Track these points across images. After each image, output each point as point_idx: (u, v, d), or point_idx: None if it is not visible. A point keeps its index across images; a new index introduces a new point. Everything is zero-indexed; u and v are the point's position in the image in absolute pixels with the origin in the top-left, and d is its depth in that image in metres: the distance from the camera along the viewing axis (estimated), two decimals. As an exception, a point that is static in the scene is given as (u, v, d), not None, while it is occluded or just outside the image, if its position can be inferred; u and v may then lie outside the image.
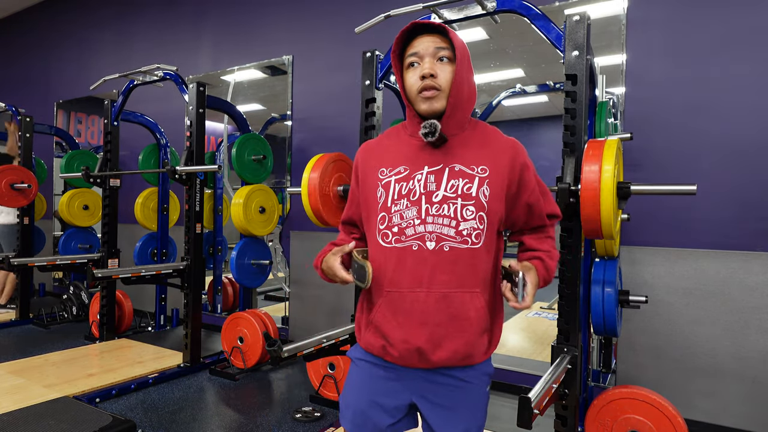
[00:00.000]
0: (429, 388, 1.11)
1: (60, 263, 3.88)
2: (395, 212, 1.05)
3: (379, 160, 1.13)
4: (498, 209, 1.07)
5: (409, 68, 1.08)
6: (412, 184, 1.06)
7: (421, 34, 1.07)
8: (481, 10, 2.05)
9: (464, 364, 1.08)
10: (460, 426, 1.11)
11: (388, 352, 1.08)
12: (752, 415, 2.30)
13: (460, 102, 1.06)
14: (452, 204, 1.03)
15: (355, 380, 1.17)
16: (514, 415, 1.30)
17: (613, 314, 1.93)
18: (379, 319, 1.09)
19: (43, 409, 2.38)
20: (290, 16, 3.95)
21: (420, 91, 1.05)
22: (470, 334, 1.05)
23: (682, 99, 2.49)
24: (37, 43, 6.20)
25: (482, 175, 1.06)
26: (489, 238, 1.06)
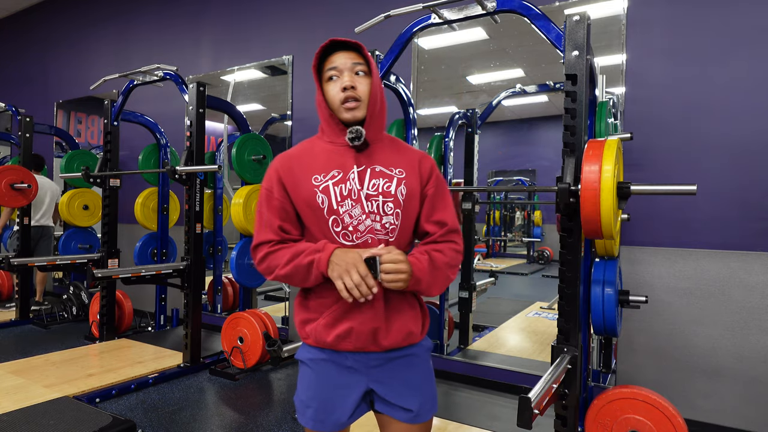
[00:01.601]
0: (383, 371, 1.19)
1: (60, 263, 3.88)
2: (344, 213, 1.13)
3: (306, 168, 1.17)
4: (413, 209, 1.19)
5: (329, 81, 1.17)
6: (350, 185, 1.15)
7: (338, 50, 1.17)
8: (481, 10, 2.05)
9: (407, 343, 1.20)
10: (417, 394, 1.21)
11: (349, 341, 1.16)
12: (752, 415, 2.30)
13: (377, 111, 1.19)
14: (374, 201, 1.14)
15: (311, 379, 1.22)
16: (514, 415, 1.30)
17: (613, 314, 1.93)
18: (343, 311, 1.16)
19: (43, 409, 2.38)
20: (290, 16, 3.95)
21: (343, 102, 1.15)
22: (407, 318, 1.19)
23: (682, 99, 2.49)
24: (37, 43, 6.20)
25: (400, 176, 1.18)
26: (402, 234, 1.17)
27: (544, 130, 3.47)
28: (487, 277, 3.75)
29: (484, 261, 3.97)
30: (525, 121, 3.47)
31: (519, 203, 4.00)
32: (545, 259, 3.87)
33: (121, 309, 3.94)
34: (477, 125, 3.28)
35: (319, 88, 1.19)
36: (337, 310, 1.15)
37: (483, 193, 3.64)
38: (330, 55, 1.18)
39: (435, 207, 1.21)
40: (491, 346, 3.32)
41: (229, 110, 3.65)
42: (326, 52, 1.18)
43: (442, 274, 1.17)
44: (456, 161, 3.16)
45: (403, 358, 1.20)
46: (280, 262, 1.15)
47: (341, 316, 1.15)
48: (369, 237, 1.14)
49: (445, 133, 3.09)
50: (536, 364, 2.99)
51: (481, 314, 3.62)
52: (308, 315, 1.20)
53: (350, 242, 1.14)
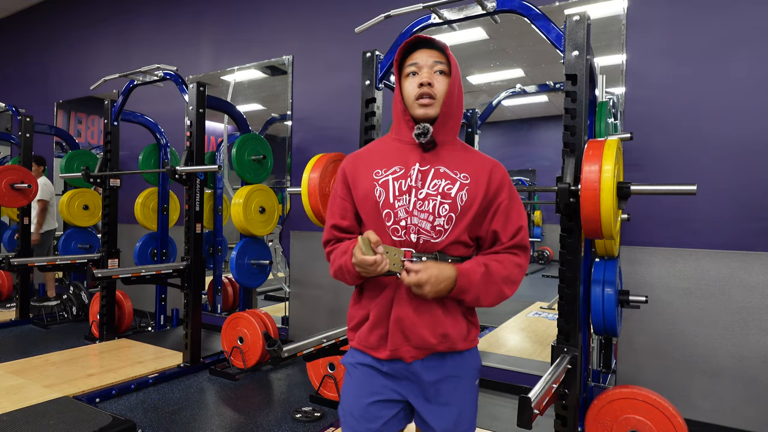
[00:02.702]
0: (419, 386, 1.16)
1: (60, 263, 3.88)
2: (399, 207, 1.12)
3: (371, 164, 1.19)
4: (470, 216, 1.13)
5: (407, 77, 1.17)
6: (410, 181, 1.14)
7: (421, 47, 1.17)
8: (481, 10, 2.05)
9: (444, 347, 1.15)
10: (451, 419, 1.17)
11: (385, 346, 1.15)
12: (752, 415, 2.30)
13: (452, 112, 1.17)
14: (432, 200, 1.12)
15: (351, 386, 1.22)
16: (514, 415, 1.30)
17: (613, 314, 1.93)
18: (381, 307, 1.16)
19: (43, 409, 2.38)
20: (290, 16, 3.95)
21: (417, 98, 1.14)
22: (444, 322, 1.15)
23: (682, 99, 2.49)
24: (37, 43, 6.20)
25: (464, 180, 1.14)
26: (450, 239, 1.13)
27: (544, 130, 3.46)
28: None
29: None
30: (525, 121, 3.47)
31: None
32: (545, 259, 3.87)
33: (121, 309, 3.94)
34: (477, 125, 3.28)
35: (398, 83, 1.19)
36: (376, 308, 1.15)
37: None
38: (413, 52, 1.17)
39: (509, 218, 1.16)
40: (491, 346, 3.32)
41: (229, 110, 3.65)
42: (410, 48, 1.18)
43: (496, 288, 1.13)
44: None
45: (447, 379, 1.17)
46: (331, 263, 1.20)
47: (380, 313, 1.15)
48: (416, 236, 1.11)
49: (445, 133, 3.08)
50: (536, 364, 2.99)
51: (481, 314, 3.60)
52: (354, 311, 1.22)
53: (398, 237, 1.13)
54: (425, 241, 1.12)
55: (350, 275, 1.13)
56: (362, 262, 1.04)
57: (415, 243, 1.11)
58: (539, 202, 3.97)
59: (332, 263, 1.19)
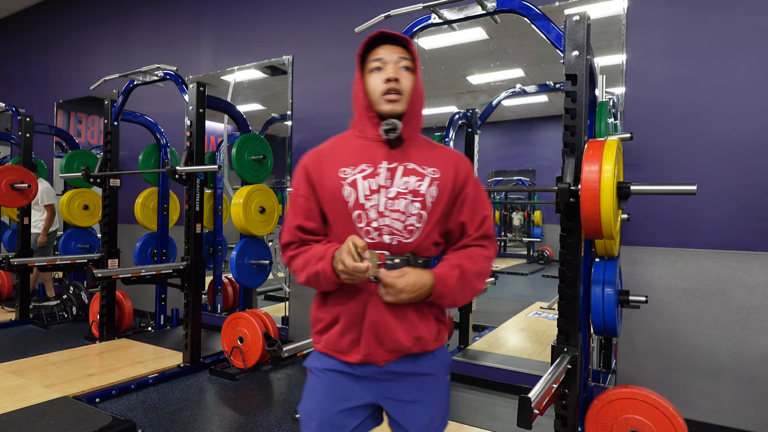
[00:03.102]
0: (394, 388, 1.15)
1: (60, 263, 3.88)
2: (370, 207, 1.09)
3: (335, 162, 1.14)
4: (440, 212, 1.13)
5: (372, 72, 1.14)
6: (379, 180, 1.11)
7: (385, 43, 1.15)
8: (481, 10, 2.05)
9: (418, 349, 1.14)
10: (427, 417, 1.17)
11: (358, 349, 1.13)
12: (752, 415, 2.30)
13: (417, 108, 1.16)
14: (403, 199, 1.10)
15: (318, 389, 1.18)
16: (514, 415, 1.30)
17: (613, 314, 1.93)
18: (353, 312, 1.13)
19: (43, 409, 2.38)
20: (290, 16, 3.95)
21: (385, 93, 1.12)
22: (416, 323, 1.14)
23: (682, 99, 2.49)
24: (37, 43, 6.20)
25: (433, 175, 1.13)
26: (421, 238, 1.12)
27: (544, 130, 3.47)
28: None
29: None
30: (525, 121, 3.47)
31: (519, 203, 4.00)
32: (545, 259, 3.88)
33: (121, 309, 3.94)
34: (477, 125, 3.28)
35: (360, 78, 1.16)
36: (347, 312, 1.12)
37: (483, 193, 3.63)
38: (376, 47, 1.15)
39: (475, 209, 1.17)
40: (491, 346, 3.32)
41: (229, 110, 3.65)
42: (372, 43, 1.16)
43: (471, 287, 1.14)
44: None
45: (418, 377, 1.15)
46: (298, 268, 1.14)
47: (352, 317, 1.12)
48: (390, 237, 1.09)
49: (445, 133, 3.09)
50: (536, 364, 2.99)
51: (481, 314, 3.63)
52: (324, 320, 1.18)
53: (371, 239, 1.09)
54: (398, 242, 1.10)
55: (328, 282, 1.08)
56: (355, 269, 1.00)
57: (388, 244, 1.09)
58: (539, 202, 3.97)
59: (303, 269, 1.12)
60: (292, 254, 1.16)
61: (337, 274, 1.05)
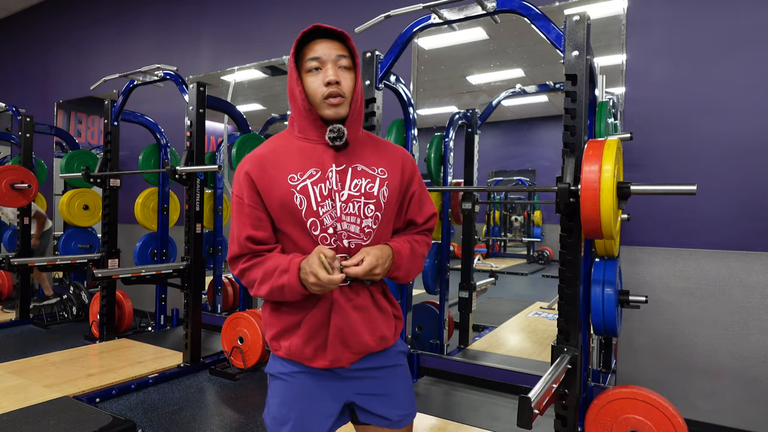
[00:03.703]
0: (362, 384, 1.17)
1: (60, 263, 3.88)
2: (324, 214, 1.07)
3: (280, 167, 1.09)
4: (392, 211, 1.15)
5: (310, 72, 1.08)
6: (330, 184, 1.08)
7: (321, 38, 1.08)
8: (481, 10, 2.05)
9: (381, 347, 1.16)
10: (399, 406, 1.20)
11: (324, 356, 1.12)
12: (752, 415, 2.30)
13: (359, 108, 1.13)
14: (356, 202, 1.09)
15: (285, 393, 1.15)
16: (514, 415, 1.30)
17: (613, 314, 1.93)
18: (315, 320, 1.13)
19: (43, 409, 2.38)
20: (290, 16, 3.95)
21: (326, 97, 1.07)
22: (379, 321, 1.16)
23: (682, 99, 2.49)
24: (37, 43, 6.20)
25: (383, 176, 1.13)
26: (378, 238, 1.12)
27: (544, 130, 3.47)
28: (487, 277, 3.75)
29: (484, 261, 3.97)
30: (525, 121, 3.47)
31: (519, 203, 4.00)
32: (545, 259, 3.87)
33: (121, 309, 3.94)
34: (477, 125, 3.28)
35: (297, 78, 1.09)
36: (311, 319, 1.10)
37: (483, 193, 3.64)
38: (311, 43, 1.08)
39: (423, 204, 1.22)
40: (491, 346, 3.32)
41: (229, 110, 3.65)
42: (307, 38, 1.08)
43: (417, 263, 1.19)
44: (456, 161, 3.16)
45: (384, 370, 1.18)
46: (255, 280, 1.09)
47: (316, 324, 1.10)
48: (348, 241, 1.08)
49: (445, 133, 3.09)
50: (536, 364, 2.99)
51: (481, 314, 3.63)
52: (281, 326, 1.13)
53: (328, 245, 1.07)
54: (356, 245, 1.09)
55: (294, 294, 1.04)
56: (330, 282, 0.98)
57: (347, 248, 1.08)
58: (539, 202, 3.97)
59: (262, 282, 1.07)
60: (244, 267, 1.10)
61: (304, 286, 1.03)
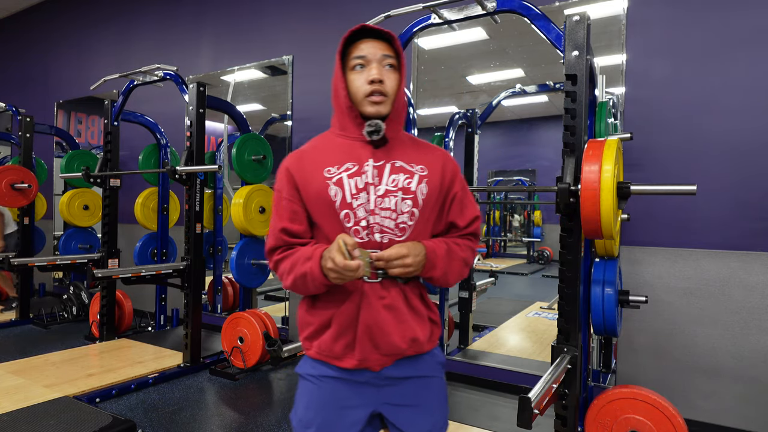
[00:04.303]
0: (392, 393, 1.12)
1: (60, 263, 3.88)
2: (358, 207, 1.07)
3: (318, 162, 1.11)
4: (430, 209, 1.13)
5: (354, 69, 1.09)
6: (366, 178, 1.08)
7: (368, 37, 1.09)
8: (481, 10, 2.05)
9: (413, 351, 1.12)
10: (429, 420, 1.15)
11: (353, 354, 1.10)
12: (752, 415, 2.30)
13: (401, 108, 1.13)
14: (393, 197, 1.08)
15: (313, 396, 1.14)
16: (514, 415, 1.30)
17: (613, 314, 1.92)
18: (346, 317, 1.10)
19: (43, 409, 2.38)
20: (290, 16, 3.95)
21: (368, 95, 1.08)
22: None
23: (682, 99, 2.49)
24: (37, 43, 6.20)
25: (422, 173, 1.11)
26: (414, 235, 1.10)
27: (544, 130, 3.46)
28: (487, 277, 3.75)
29: (484, 261, 3.97)
30: (525, 121, 3.47)
31: (519, 203, 3.99)
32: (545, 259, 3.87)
33: (121, 309, 3.94)
34: (477, 125, 3.28)
35: (342, 76, 1.10)
36: (340, 315, 1.08)
37: (483, 193, 3.63)
38: (358, 42, 1.09)
39: (464, 206, 1.18)
40: (491, 346, 3.32)
41: (229, 110, 3.65)
42: (354, 38, 1.10)
43: (458, 265, 1.14)
44: (456, 161, 3.16)
45: (415, 380, 1.13)
46: (284, 271, 1.10)
47: (345, 321, 1.08)
48: (381, 235, 1.07)
49: (445, 133, 3.09)
50: (536, 364, 2.99)
51: (481, 314, 3.62)
52: (314, 324, 1.13)
53: (360, 239, 1.07)
54: (390, 240, 1.07)
55: (316, 283, 1.04)
56: (346, 267, 0.96)
57: (379, 243, 1.07)
58: (539, 202, 3.96)
59: (289, 272, 1.08)
60: (278, 258, 1.12)
61: (325, 275, 1.02)
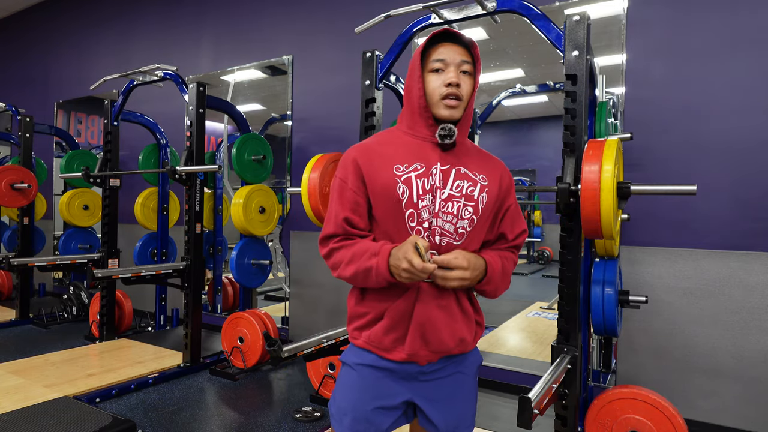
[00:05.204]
0: (429, 387, 1.16)
1: (60, 263, 3.88)
2: (423, 208, 1.09)
3: (387, 158, 1.12)
4: (486, 218, 1.16)
5: (432, 72, 1.12)
6: (432, 180, 1.10)
7: (448, 41, 1.12)
8: (481, 10, 2.05)
9: (459, 351, 1.16)
10: (459, 415, 1.19)
11: (402, 348, 1.13)
12: (752, 415, 2.30)
13: (471, 114, 1.16)
14: (456, 202, 1.10)
15: (353, 385, 1.17)
16: (514, 415, 1.30)
17: (613, 314, 1.93)
18: (399, 312, 1.13)
19: (43, 409, 2.38)
20: (290, 17, 3.95)
21: (444, 98, 1.10)
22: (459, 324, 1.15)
23: (682, 99, 2.49)
24: (37, 43, 6.20)
25: (483, 183, 1.14)
26: (469, 241, 1.13)
27: (544, 130, 3.46)
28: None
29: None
30: (525, 121, 3.47)
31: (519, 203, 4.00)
32: (545, 259, 3.87)
33: (121, 309, 3.94)
34: (477, 125, 3.28)
35: (420, 76, 1.12)
36: (394, 309, 1.11)
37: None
38: (438, 45, 1.12)
39: (515, 220, 1.22)
40: (491, 346, 3.32)
41: (229, 110, 3.65)
42: (435, 40, 1.13)
43: (507, 280, 1.19)
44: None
45: (452, 376, 1.17)
46: (342, 261, 1.11)
47: (399, 316, 1.11)
48: (440, 238, 1.10)
49: (445, 133, 3.08)
50: (536, 364, 2.99)
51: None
52: (366, 317, 1.16)
53: None
54: (447, 243, 1.10)
55: (380, 279, 1.06)
56: (424, 269, 0.98)
57: (437, 245, 1.10)
58: (539, 202, 3.96)
59: (350, 262, 1.09)
60: (335, 246, 1.13)
61: (391, 273, 1.04)
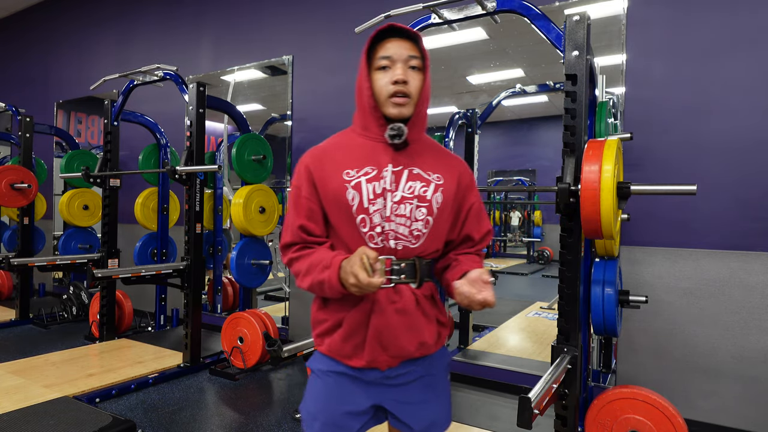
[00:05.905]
0: (397, 391, 1.15)
1: (60, 263, 3.88)
2: (374, 212, 1.07)
3: (338, 162, 1.10)
4: (444, 219, 1.13)
5: (378, 70, 1.09)
6: (384, 183, 1.08)
7: (394, 37, 1.09)
8: (481, 10, 2.05)
9: (420, 354, 1.14)
10: (431, 416, 1.18)
11: (362, 355, 1.12)
12: (752, 415, 2.30)
13: (424, 110, 1.12)
14: (408, 204, 1.08)
15: (321, 391, 1.17)
16: (514, 415, 1.30)
17: (613, 314, 1.92)
18: (357, 318, 1.12)
19: (43, 409, 2.38)
20: (290, 17, 3.95)
21: (391, 96, 1.08)
22: None
23: (682, 99, 2.49)
24: (37, 43, 6.20)
25: (438, 182, 1.12)
26: (426, 243, 1.11)
27: (544, 130, 3.46)
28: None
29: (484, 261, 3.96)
30: (525, 121, 3.47)
31: (519, 203, 4.00)
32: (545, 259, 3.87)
33: (121, 309, 3.93)
34: (477, 125, 3.28)
35: (367, 75, 1.10)
36: (351, 318, 1.10)
37: (483, 193, 3.64)
38: (384, 41, 1.09)
39: (480, 219, 1.20)
40: (491, 346, 3.32)
41: (229, 110, 3.65)
42: (380, 36, 1.09)
43: None
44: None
45: (421, 379, 1.16)
46: (300, 272, 1.10)
47: (356, 323, 1.10)
48: (395, 242, 1.08)
49: (445, 133, 3.09)
50: (536, 364, 2.99)
51: (481, 314, 3.62)
52: (326, 323, 1.15)
53: (375, 245, 1.07)
54: (404, 247, 1.08)
55: (333, 291, 1.04)
56: (370, 284, 0.95)
57: (393, 249, 1.08)
58: (539, 202, 3.97)
59: (306, 274, 1.08)
60: (293, 256, 1.12)
61: (343, 285, 1.02)
